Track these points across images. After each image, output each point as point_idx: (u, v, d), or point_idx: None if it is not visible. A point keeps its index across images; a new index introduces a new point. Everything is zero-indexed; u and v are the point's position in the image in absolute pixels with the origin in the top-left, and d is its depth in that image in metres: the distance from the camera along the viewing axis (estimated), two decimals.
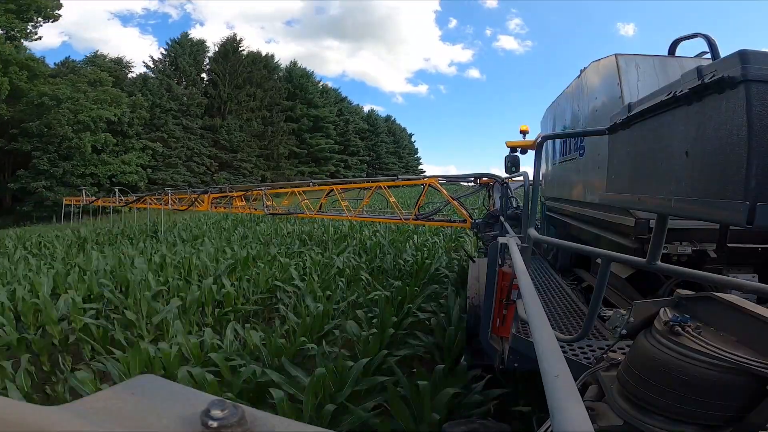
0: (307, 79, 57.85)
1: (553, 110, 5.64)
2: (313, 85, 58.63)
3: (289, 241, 11.62)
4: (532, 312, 1.12)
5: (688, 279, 1.68)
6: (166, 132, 38.83)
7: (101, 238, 14.78)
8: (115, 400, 0.39)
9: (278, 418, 0.37)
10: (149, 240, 13.25)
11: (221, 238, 12.66)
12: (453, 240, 11.12)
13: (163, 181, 36.63)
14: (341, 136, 59.81)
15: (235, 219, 17.56)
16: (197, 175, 41.53)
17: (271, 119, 49.89)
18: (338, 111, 61.59)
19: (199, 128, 43.18)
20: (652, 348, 1.24)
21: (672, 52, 3.56)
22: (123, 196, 20.44)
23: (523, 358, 2.52)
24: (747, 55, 0.89)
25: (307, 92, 56.34)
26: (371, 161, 66.55)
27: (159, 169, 38.01)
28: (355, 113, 66.51)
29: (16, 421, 0.31)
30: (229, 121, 45.54)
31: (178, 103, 40.98)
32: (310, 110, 55.59)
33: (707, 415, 1.12)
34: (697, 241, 2.73)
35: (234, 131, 45.22)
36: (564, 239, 3.39)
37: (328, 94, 62.07)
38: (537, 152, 2.90)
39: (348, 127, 61.64)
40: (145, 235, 14.77)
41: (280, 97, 52.14)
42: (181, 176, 39.30)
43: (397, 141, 76.13)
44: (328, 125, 57.79)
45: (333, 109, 60.15)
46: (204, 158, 42.82)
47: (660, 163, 1.25)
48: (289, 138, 52.18)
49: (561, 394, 0.65)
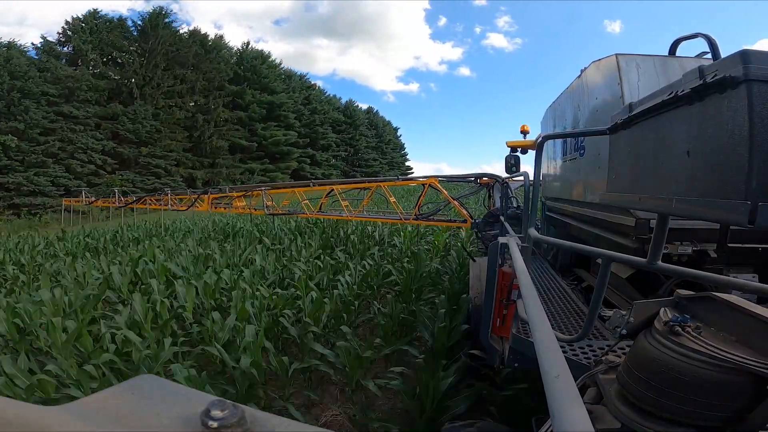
0: (261, 61, 48.17)
1: (554, 110, 5.64)
2: (270, 68, 49.04)
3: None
4: (532, 312, 1.12)
5: (688, 279, 1.68)
6: (25, 122, 28.79)
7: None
8: (115, 400, 0.39)
9: (278, 418, 0.37)
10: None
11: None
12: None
13: (16, 185, 27.84)
14: (307, 128, 50.51)
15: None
16: (82, 176, 31.81)
17: (208, 106, 40.85)
18: (304, 99, 52.48)
19: (90, 117, 33.28)
20: (652, 348, 1.24)
21: (672, 52, 3.55)
22: (123, 197, 20.49)
23: (523, 358, 2.52)
24: (748, 55, 0.88)
25: (261, 76, 46.68)
26: (348, 157, 58.54)
27: (13, 169, 28.15)
28: (329, 103, 57.59)
29: (16, 421, 0.31)
30: (137, 108, 35.81)
31: (61, 87, 31.54)
32: (263, 96, 45.87)
33: (707, 416, 1.12)
34: (698, 241, 2.73)
35: (143, 120, 35.65)
36: (564, 239, 3.38)
37: (292, 79, 52.67)
38: (537, 152, 2.90)
39: (314, 117, 51.86)
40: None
41: (223, 80, 42.58)
42: (49, 178, 29.67)
43: (380, 135, 67.25)
44: (286, 113, 47.97)
45: (298, 97, 50.76)
46: (93, 154, 32.68)
47: (661, 163, 1.25)
48: (232, 128, 43.00)
49: (561, 395, 0.65)
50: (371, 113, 68.43)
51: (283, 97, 48.16)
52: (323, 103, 56.38)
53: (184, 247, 10.39)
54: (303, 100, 52.34)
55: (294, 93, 51.13)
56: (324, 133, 53.52)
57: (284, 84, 50.40)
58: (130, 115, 35.57)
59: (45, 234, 17.46)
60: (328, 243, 10.44)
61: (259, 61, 47.82)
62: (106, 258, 9.38)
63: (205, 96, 41.30)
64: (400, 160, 73.17)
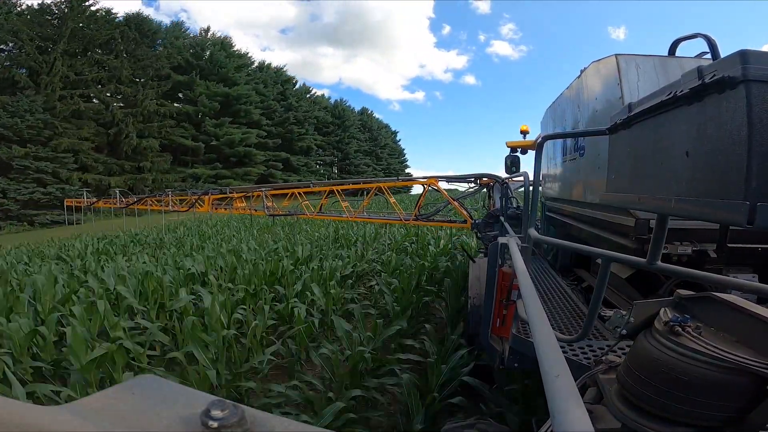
0: (220, 48, 39.40)
1: (553, 111, 5.64)
2: (232, 57, 40.22)
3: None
4: (532, 312, 1.12)
5: (688, 279, 1.67)
6: None
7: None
8: (115, 400, 0.39)
9: (278, 418, 0.37)
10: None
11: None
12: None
13: None
14: (280, 127, 42.62)
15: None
16: None
17: (136, 98, 31.93)
18: (279, 94, 44.07)
19: None
20: (652, 348, 1.24)
21: (672, 53, 3.55)
22: (123, 198, 20.56)
23: (523, 358, 2.52)
24: (747, 55, 0.88)
25: (218, 65, 38.28)
26: (335, 162, 51.14)
27: None
28: (315, 102, 49.73)
29: (16, 421, 0.31)
30: (20, 99, 27.72)
31: None
32: (218, 87, 37.40)
33: (707, 416, 1.12)
34: (697, 241, 2.73)
35: (25, 113, 27.35)
36: (564, 239, 3.39)
37: (265, 71, 44.11)
38: (537, 152, 2.90)
39: (288, 115, 43.23)
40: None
41: (161, 69, 33.82)
42: None
43: (375, 138, 60.35)
44: (247, 108, 39.22)
45: (268, 91, 42.03)
46: None
47: (660, 163, 1.25)
48: (171, 125, 34.05)
49: (561, 395, 0.65)
50: (365, 114, 61.58)
51: (243, 89, 39.07)
52: (302, 99, 47.54)
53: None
54: (277, 95, 44.13)
55: (263, 86, 42.21)
56: (301, 134, 45.24)
57: (250, 76, 41.57)
58: (9, 107, 27.21)
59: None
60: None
61: (217, 48, 38.93)
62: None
63: (133, 86, 32.04)
64: (399, 167, 66.02)
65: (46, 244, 15.97)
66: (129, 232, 16.69)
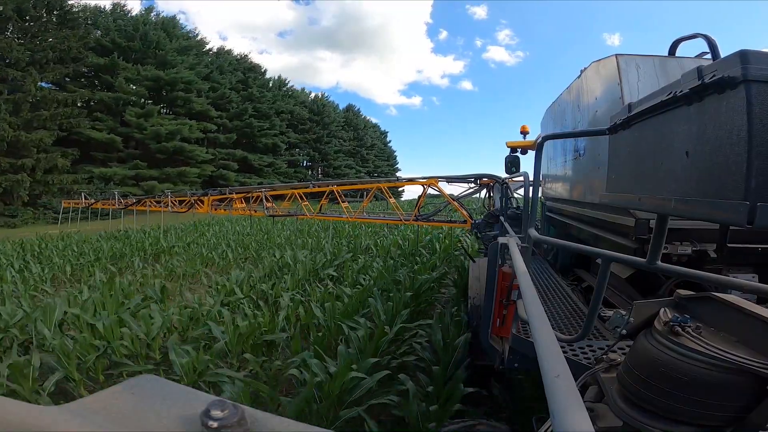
0: (159, 28, 31.68)
1: (553, 111, 5.65)
2: (177, 39, 32.71)
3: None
4: (532, 312, 1.12)
5: (688, 279, 1.67)
6: None
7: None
8: (115, 400, 0.39)
9: (278, 418, 0.37)
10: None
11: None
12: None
13: None
14: (237, 120, 36.16)
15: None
16: None
17: (25, 83, 24.81)
18: (239, 83, 37.67)
19: None
20: (652, 348, 1.24)
21: (672, 53, 3.55)
22: (122, 198, 20.51)
23: (523, 358, 2.51)
24: (747, 56, 0.88)
25: (155, 47, 30.94)
26: (312, 162, 44.06)
27: None
28: (291, 97, 42.18)
29: (16, 421, 0.31)
30: None
31: None
32: (146, 70, 30.17)
33: (707, 416, 1.12)
34: (697, 241, 2.73)
35: None
36: (564, 239, 3.39)
37: (223, 57, 36.70)
38: (537, 152, 2.90)
39: (246, 106, 36.67)
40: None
41: (70, 50, 26.50)
42: None
43: (360, 138, 53.74)
44: (187, 96, 31.70)
45: (223, 79, 35.15)
46: None
47: (660, 163, 1.25)
48: (72, 115, 26.63)
49: (561, 395, 0.65)
50: (350, 111, 55.23)
51: (185, 74, 31.46)
52: (270, 90, 40.21)
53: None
54: (236, 84, 37.33)
55: (218, 73, 35.45)
56: (263, 129, 38.14)
57: (198, 60, 34.06)
58: None
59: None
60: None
61: (152, 28, 31.42)
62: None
63: (43, 68, 25.90)
64: (388, 170, 58.87)
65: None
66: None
